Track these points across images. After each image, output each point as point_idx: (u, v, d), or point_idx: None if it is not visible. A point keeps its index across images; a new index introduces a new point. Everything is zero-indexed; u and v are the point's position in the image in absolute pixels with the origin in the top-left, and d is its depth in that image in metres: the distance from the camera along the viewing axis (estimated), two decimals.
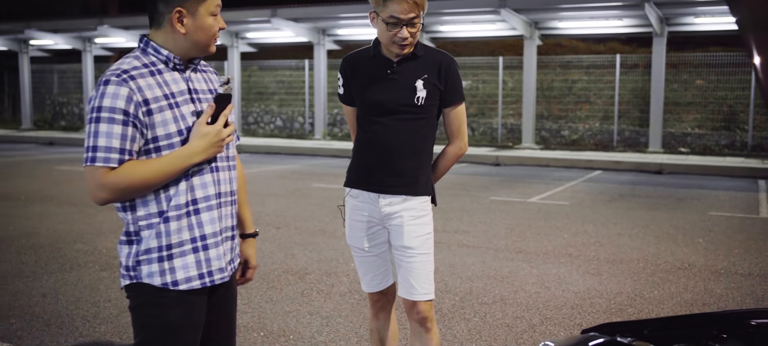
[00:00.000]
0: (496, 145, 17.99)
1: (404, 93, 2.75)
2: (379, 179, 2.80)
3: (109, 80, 2.05)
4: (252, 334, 4.20)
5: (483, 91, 19.66)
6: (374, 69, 2.79)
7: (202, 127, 2.14)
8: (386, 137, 2.77)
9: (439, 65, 2.78)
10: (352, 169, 2.90)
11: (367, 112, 2.81)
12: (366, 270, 2.96)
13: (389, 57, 2.78)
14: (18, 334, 4.14)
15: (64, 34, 22.60)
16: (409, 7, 2.62)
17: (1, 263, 5.78)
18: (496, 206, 8.97)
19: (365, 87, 2.80)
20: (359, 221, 2.89)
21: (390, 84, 2.76)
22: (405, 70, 2.76)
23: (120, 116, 2.02)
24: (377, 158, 2.80)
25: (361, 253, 2.94)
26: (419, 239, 2.81)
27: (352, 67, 2.86)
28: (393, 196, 2.80)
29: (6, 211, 8.29)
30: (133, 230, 2.15)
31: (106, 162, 2.02)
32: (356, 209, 2.89)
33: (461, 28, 18.33)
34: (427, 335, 2.89)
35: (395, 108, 2.75)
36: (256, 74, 22.91)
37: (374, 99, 2.77)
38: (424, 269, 2.83)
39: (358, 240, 2.91)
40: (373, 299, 3.04)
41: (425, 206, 2.84)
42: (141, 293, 2.17)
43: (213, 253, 2.21)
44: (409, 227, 2.80)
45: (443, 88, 2.80)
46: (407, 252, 2.82)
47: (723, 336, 2.09)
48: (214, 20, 2.18)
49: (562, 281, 5.38)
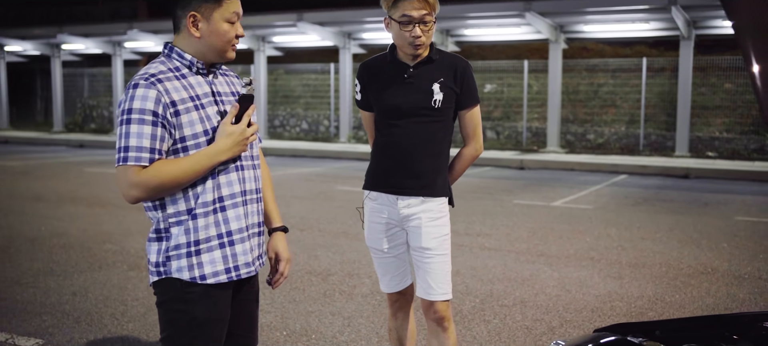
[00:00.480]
0: (521, 148, 17.95)
1: (421, 96, 2.81)
2: (398, 181, 2.86)
3: (138, 84, 2.14)
4: (275, 333, 4.29)
5: (508, 95, 19.63)
6: (391, 74, 2.85)
7: (227, 127, 2.22)
8: (404, 140, 2.83)
9: (454, 69, 2.84)
10: (371, 172, 2.97)
11: (385, 116, 2.87)
12: (385, 271, 3.03)
13: (405, 61, 2.84)
14: (49, 331, 4.27)
15: (95, 38, 23.02)
16: (420, 5, 2.69)
17: (33, 262, 5.94)
18: (519, 210, 8.98)
19: (383, 91, 2.86)
20: (378, 222, 2.95)
21: (407, 88, 2.82)
22: (421, 74, 2.82)
23: (149, 117, 2.11)
24: (395, 161, 2.85)
25: (380, 254, 3.00)
26: (437, 240, 2.87)
27: (370, 72, 2.93)
28: (411, 197, 2.86)
29: (38, 211, 8.50)
30: (163, 227, 2.24)
31: (138, 161, 2.10)
32: (375, 210, 2.95)
33: (486, 32, 18.33)
34: (445, 334, 2.94)
35: (412, 111, 2.81)
36: (282, 78, 23.11)
37: (392, 103, 2.83)
38: (441, 269, 2.88)
39: (377, 242, 2.98)
40: (391, 299, 3.10)
41: (443, 208, 2.90)
42: (168, 289, 2.25)
43: (239, 248, 2.29)
44: (426, 228, 2.85)
45: (459, 90, 2.86)
46: (425, 253, 2.87)
47: (734, 338, 2.11)
48: (231, 27, 2.24)
49: (583, 284, 5.39)
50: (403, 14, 2.71)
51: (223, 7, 2.22)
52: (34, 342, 4.07)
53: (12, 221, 7.79)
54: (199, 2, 2.20)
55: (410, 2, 2.69)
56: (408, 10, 2.70)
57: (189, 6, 2.21)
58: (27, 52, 26.81)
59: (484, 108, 19.90)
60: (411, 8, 2.69)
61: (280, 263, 2.57)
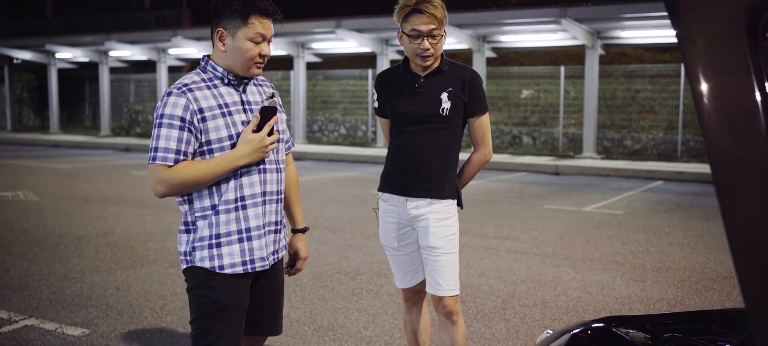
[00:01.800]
0: (556, 154, 17.97)
1: (430, 104, 3.01)
2: (407, 184, 3.07)
3: (171, 92, 2.41)
4: (303, 328, 4.52)
5: (544, 101, 19.65)
6: (404, 83, 3.07)
7: (248, 135, 2.44)
8: (414, 145, 3.04)
9: (462, 79, 3.04)
10: (384, 174, 3.19)
11: (397, 123, 3.09)
12: (398, 268, 3.24)
13: (417, 72, 3.05)
14: (94, 322, 4.58)
15: (141, 45, 23.71)
16: (427, 19, 2.88)
17: (80, 259, 6.30)
18: (550, 214, 9.09)
19: (396, 99, 3.08)
20: (390, 222, 3.16)
21: (418, 96, 3.03)
22: (431, 84, 3.03)
23: (177, 122, 2.36)
24: (405, 165, 3.06)
25: (392, 252, 3.22)
26: (444, 239, 3.06)
27: (384, 82, 3.16)
28: (419, 199, 3.06)
29: (86, 211, 8.91)
30: (190, 220, 2.50)
31: (164, 160, 2.36)
32: (387, 211, 3.17)
33: (523, 38, 18.40)
34: (453, 327, 3.14)
35: (422, 118, 3.02)
36: (321, 83, 23.48)
37: (403, 110, 3.05)
38: (448, 267, 3.08)
39: (390, 240, 3.19)
40: (405, 294, 3.31)
41: (450, 209, 3.09)
42: (195, 276, 2.51)
43: (256, 244, 2.52)
44: (434, 228, 3.05)
45: (467, 99, 3.05)
46: (433, 251, 3.07)
47: (721, 331, 2.26)
48: (254, 46, 2.44)
49: (604, 287, 5.52)
50: (412, 29, 2.91)
51: (247, 28, 2.42)
52: (81, 332, 4.38)
53: (62, 221, 8.20)
54: (227, 20, 2.43)
55: (419, 17, 2.89)
56: (417, 25, 2.90)
57: (219, 23, 2.45)
58: (76, 59, 27.75)
59: (520, 114, 19.95)
60: (420, 23, 2.89)
61: (298, 261, 2.84)
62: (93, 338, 4.27)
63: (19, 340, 4.21)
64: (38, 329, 4.41)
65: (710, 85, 1.46)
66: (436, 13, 2.90)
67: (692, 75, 1.47)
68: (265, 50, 2.49)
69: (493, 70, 20.30)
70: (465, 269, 6.04)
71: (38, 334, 4.33)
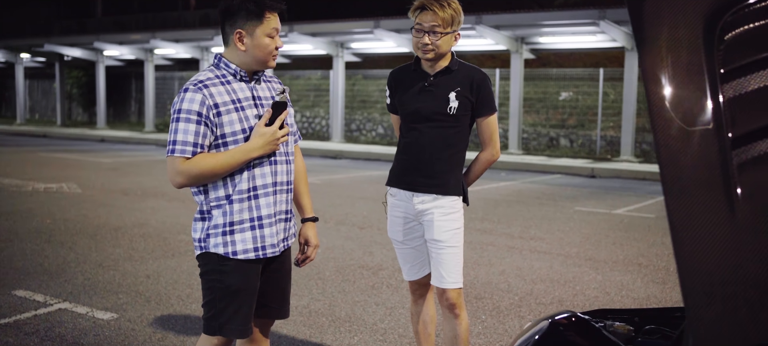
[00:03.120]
0: (594, 157, 17.82)
1: (438, 103, 3.11)
2: (413, 179, 3.18)
3: (188, 89, 2.56)
4: (321, 318, 4.67)
5: (583, 103, 19.50)
6: (414, 81, 3.19)
7: (261, 129, 2.59)
8: (421, 142, 3.15)
9: (471, 80, 3.13)
10: (392, 169, 3.31)
11: (407, 119, 3.20)
12: (404, 260, 3.36)
13: (427, 71, 3.16)
14: (123, 307, 4.80)
15: (185, 43, 24.23)
16: (431, 17, 3.01)
17: (115, 248, 6.56)
18: (579, 216, 9.08)
19: (405, 96, 3.20)
20: (397, 216, 3.28)
21: (426, 95, 3.14)
22: (440, 83, 3.13)
23: (194, 117, 2.52)
24: (412, 161, 3.18)
25: (399, 245, 3.33)
26: (448, 233, 3.16)
27: (396, 80, 3.28)
28: (425, 194, 3.17)
29: (125, 204, 9.23)
30: (205, 209, 2.65)
31: (182, 153, 2.51)
32: (394, 206, 3.29)
33: (561, 40, 18.29)
34: (456, 320, 3.23)
35: (430, 116, 3.12)
36: (360, 83, 23.67)
37: (412, 107, 3.16)
38: (452, 260, 3.18)
39: (396, 233, 3.31)
40: (412, 287, 3.43)
41: (455, 205, 3.19)
42: (208, 261, 2.66)
43: (267, 231, 2.66)
44: (439, 222, 3.15)
45: (475, 100, 3.14)
46: (437, 245, 3.18)
47: None
48: (271, 40, 2.61)
49: (624, 288, 5.54)
50: (417, 22, 3.06)
51: (264, 24, 2.58)
52: (110, 316, 4.60)
53: (101, 212, 8.51)
54: (244, 21, 2.58)
55: (424, 13, 3.03)
56: (420, 20, 3.05)
57: (236, 24, 2.59)
58: (123, 57, 28.47)
59: (558, 116, 19.83)
60: (423, 19, 3.03)
61: (309, 249, 2.95)
62: (121, 322, 4.48)
63: (52, 322, 4.44)
64: (70, 313, 4.64)
65: (666, 87, 1.55)
66: (440, 12, 3.01)
67: (649, 76, 1.56)
68: (279, 43, 2.66)
69: (531, 72, 20.22)
70: (486, 267, 6.12)
71: (70, 317, 4.56)
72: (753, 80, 1.50)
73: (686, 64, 1.55)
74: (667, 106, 1.52)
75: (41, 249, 6.43)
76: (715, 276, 1.38)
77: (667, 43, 1.57)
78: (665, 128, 1.50)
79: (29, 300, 4.87)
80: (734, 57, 1.52)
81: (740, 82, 1.51)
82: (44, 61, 32.07)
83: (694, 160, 1.47)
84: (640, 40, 1.58)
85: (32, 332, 4.24)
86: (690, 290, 1.39)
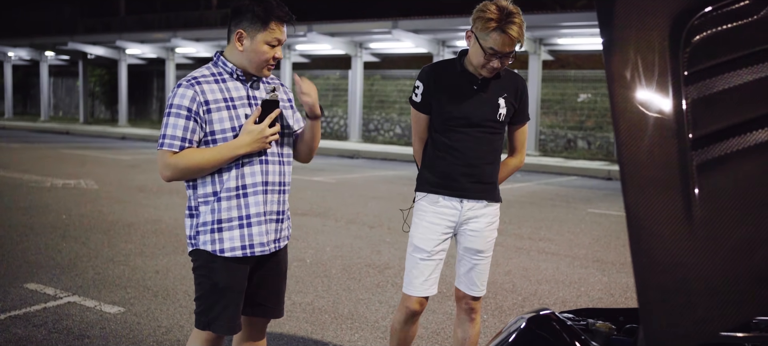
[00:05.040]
0: (611, 159, 17.71)
1: (489, 109, 3.01)
2: (464, 185, 3.05)
3: (181, 84, 2.61)
4: (323, 315, 4.72)
5: (601, 105, 19.39)
6: (459, 83, 3.02)
7: (249, 126, 2.61)
8: (469, 147, 3.01)
9: (516, 86, 3.07)
10: (429, 175, 3.12)
11: (450, 123, 3.02)
12: (421, 273, 3.11)
13: (474, 73, 3.01)
14: (131, 301, 4.89)
15: (205, 42, 24.46)
16: (509, 42, 2.83)
17: (127, 244, 6.66)
18: (591, 218, 9.06)
19: (451, 99, 3.02)
20: (436, 224, 3.09)
21: (476, 100, 3.00)
22: (489, 87, 3.02)
23: (184, 112, 2.56)
24: (460, 166, 3.03)
25: (426, 255, 3.10)
26: (489, 242, 3.14)
27: (437, 77, 3.07)
28: (476, 201, 3.07)
29: (139, 200, 9.36)
30: (194, 205, 2.69)
31: (171, 147, 2.57)
32: (435, 213, 3.10)
33: (579, 41, 18.21)
34: (470, 323, 3.26)
35: (480, 122, 3.00)
36: (378, 83, 23.73)
37: (461, 112, 3.00)
38: (487, 269, 3.18)
39: (428, 243, 3.10)
40: (412, 303, 3.15)
41: (498, 212, 3.17)
42: (198, 257, 2.70)
43: (255, 230, 2.68)
44: (486, 232, 3.11)
45: (517, 107, 3.09)
46: (479, 255, 3.13)
47: None
48: (270, 49, 2.61)
49: (628, 290, 5.53)
50: (491, 47, 2.85)
51: (266, 32, 2.59)
52: (117, 309, 4.69)
53: (116, 208, 8.65)
54: (248, 22, 2.60)
55: (501, 37, 2.82)
56: (496, 46, 2.84)
57: (240, 24, 2.61)
58: (145, 55, 28.79)
59: (576, 118, 19.74)
60: (500, 44, 2.83)
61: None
62: (127, 316, 4.56)
63: (60, 314, 4.54)
64: (79, 306, 4.73)
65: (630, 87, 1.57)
66: (517, 36, 2.84)
67: (614, 77, 1.58)
68: (279, 54, 2.66)
69: (549, 73, 20.15)
70: (492, 266, 6.13)
71: (78, 310, 4.65)
72: (716, 83, 1.52)
73: (652, 65, 1.58)
74: (631, 106, 1.55)
75: (55, 244, 6.56)
76: (671, 274, 1.40)
77: (635, 45, 1.60)
78: (627, 128, 1.53)
79: (40, 293, 4.97)
80: (699, 59, 1.55)
81: (703, 84, 1.54)
82: (68, 60, 32.56)
83: (655, 159, 1.49)
84: (608, 41, 1.60)
85: (40, 324, 4.34)
86: (644, 287, 1.41)
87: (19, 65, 35.81)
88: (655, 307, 1.39)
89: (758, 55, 1.50)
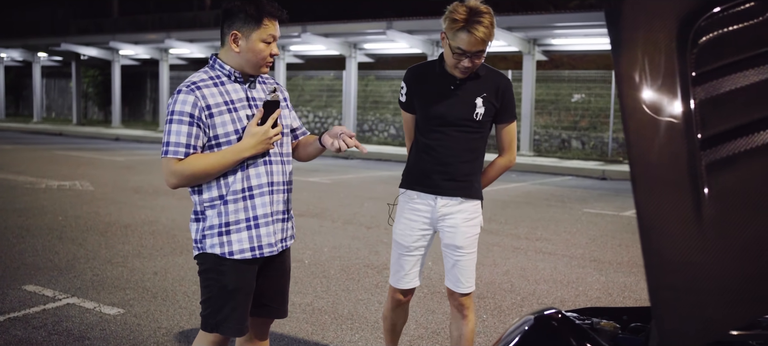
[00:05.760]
0: (605, 159, 17.77)
1: (465, 109, 3.05)
2: (438, 182, 3.12)
3: (181, 90, 2.59)
4: (323, 316, 4.72)
5: (595, 105, 19.46)
6: (438, 83, 3.09)
7: (252, 128, 2.61)
8: (445, 146, 3.08)
9: (497, 86, 3.10)
10: (410, 172, 3.22)
11: (429, 122, 3.11)
12: (402, 267, 3.26)
13: (453, 74, 3.06)
14: (130, 302, 4.88)
15: (199, 43, 24.42)
16: (476, 42, 2.87)
17: (124, 245, 6.65)
18: (587, 218, 9.09)
19: (429, 99, 3.10)
20: (413, 220, 3.20)
21: (453, 99, 3.06)
22: (467, 87, 3.06)
23: (186, 119, 2.55)
24: (436, 164, 3.11)
25: (405, 250, 3.23)
26: (469, 239, 3.17)
27: (417, 78, 3.17)
28: (450, 198, 3.13)
29: (135, 202, 9.34)
30: (199, 209, 2.69)
31: (175, 154, 2.55)
32: (412, 209, 3.20)
33: (574, 42, 18.27)
34: (464, 320, 3.29)
35: (455, 121, 3.06)
36: (373, 83, 23.74)
37: (437, 111, 3.07)
38: (470, 265, 3.20)
39: (406, 237, 3.22)
40: (397, 293, 3.33)
41: (477, 209, 3.19)
42: (206, 261, 2.69)
43: (263, 231, 2.69)
44: (462, 228, 3.14)
45: (498, 106, 3.12)
46: (458, 251, 3.17)
47: None
48: (266, 46, 2.62)
49: (626, 289, 5.56)
50: (458, 46, 2.90)
51: (261, 30, 2.60)
52: (117, 311, 4.68)
53: (112, 209, 8.63)
54: (241, 23, 2.60)
55: (468, 37, 2.87)
56: (463, 45, 2.89)
57: (233, 25, 2.62)
58: (139, 56, 28.72)
59: (570, 117, 19.79)
60: (466, 43, 2.88)
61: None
62: (127, 318, 4.56)
63: (60, 316, 4.53)
64: (78, 307, 4.73)
65: (639, 88, 1.59)
66: (484, 37, 2.87)
67: (623, 78, 1.60)
68: (275, 50, 2.67)
69: (543, 73, 20.20)
70: (490, 267, 6.15)
71: (78, 311, 4.64)
72: (723, 83, 1.54)
73: (660, 66, 1.59)
74: (640, 106, 1.57)
75: (52, 245, 6.54)
76: (681, 274, 1.42)
77: (643, 46, 1.61)
78: (637, 128, 1.54)
79: (38, 295, 4.96)
80: (706, 60, 1.56)
81: (711, 84, 1.55)
82: (61, 61, 32.43)
83: (664, 160, 1.51)
84: (616, 42, 1.61)
85: (40, 326, 4.33)
86: (656, 287, 1.43)
87: (11, 66, 35.70)
88: (666, 306, 1.41)
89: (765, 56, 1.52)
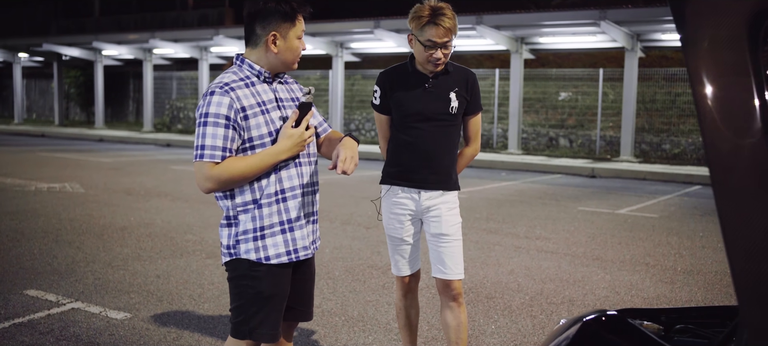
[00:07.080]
0: (593, 157, 17.86)
1: (441, 103, 3.25)
2: (422, 177, 3.29)
3: (214, 92, 2.52)
4: (334, 318, 4.67)
5: (582, 103, 19.54)
6: (413, 82, 3.27)
7: (288, 130, 2.57)
8: (425, 141, 3.26)
9: (466, 80, 3.31)
10: (391, 168, 3.37)
11: (407, 119, 3.28)
12: (402, 256, 3.45)
13: (425, 73, 3.27)
14: (136, 307, 4.80)
15: (184, 43, 24.21)
16: (443, 33, 3.10)
17: (123, 248, 6.55)
18: (583, 216, 9.11)
19: (406, 97, 3.27)
20: (400, 213, 3.37)
21: (428, 96, 3.25)
22: (440, 84, 3.26)
23: (223, 121, 2.48)
24: (418, 159, 3.28)
25: (398, 241, 3.42)
26: (454, 227, 3.32)
27: (391, 81, 3.34)
28: (433, 191, 3.31)
29: (129, 204, 9.22)
30: (232, 215, 2.62)
31: (212, 158, 2.48)
32: (397, 204, 3.37)
33: (561, 40, 18.34)
34: (458, 309, 3.39)
35: (433, 116, 3.25)
36: (359, 83, 23.67)
37: (415, 108, 3.25)
38: (456, 252, 3.32)
39: (397, 230, 3.40)
40: (403, 282, 3.52)
41: (456, 199, 3.37)
42: (238, 267, 2.63)
43: (298, 234, 2.65)
44: (446, 216, 3.31)
45: (469, 99, 3.31)
46: (444, 239, 3.31)
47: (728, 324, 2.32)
48: (300, 42, 2.62)
49: (633, 287, 5.56)
50: (428, 39, 3.11)
51: (296, 27, 2.59)
52: (124, 315, 4.60)
53: (105, 212, 8.51)
54: (278, 23, 2.56)
55: (435, 29, 3.09)
56: (432, 37, 3.10)
57: (270, 26, 2.56)
58: (122, 57, 28.44)
59: (558, 116, 19.87)
60: (435, 35, 3.10)
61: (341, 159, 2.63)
62: (135, 322, 4.48)
63: (66, 321, 4.44)
64: (84, 312, 4.64)
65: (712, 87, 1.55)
66: (450, 26, 3.10)
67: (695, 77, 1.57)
68: (305, 44, 2.68)
69: (530, 72, 20.25)
70: (494, 266, 6.14)
71: (84, 316, 4.55)
72: None
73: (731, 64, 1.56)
74: (713, 107, 1.53)
75: (49, 249, 6.43)
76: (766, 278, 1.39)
77: (710, 43, 1.58)
78: (712, 129, 1.51)
79: (41, 300, 4.87)
80: None
81: None
82: (42, 61, 32.02)
83: (742, 162, 1.47)
84: (684, 40, 1.58)
85: (47, 332, 4.24)
86: (742, 292, 1.40)
87: None
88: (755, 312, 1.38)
89: None
